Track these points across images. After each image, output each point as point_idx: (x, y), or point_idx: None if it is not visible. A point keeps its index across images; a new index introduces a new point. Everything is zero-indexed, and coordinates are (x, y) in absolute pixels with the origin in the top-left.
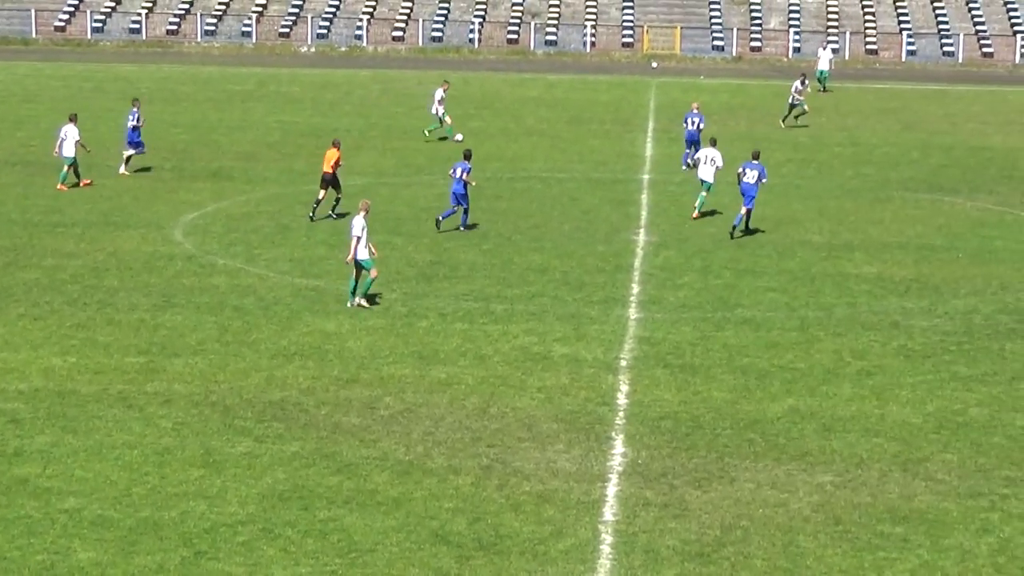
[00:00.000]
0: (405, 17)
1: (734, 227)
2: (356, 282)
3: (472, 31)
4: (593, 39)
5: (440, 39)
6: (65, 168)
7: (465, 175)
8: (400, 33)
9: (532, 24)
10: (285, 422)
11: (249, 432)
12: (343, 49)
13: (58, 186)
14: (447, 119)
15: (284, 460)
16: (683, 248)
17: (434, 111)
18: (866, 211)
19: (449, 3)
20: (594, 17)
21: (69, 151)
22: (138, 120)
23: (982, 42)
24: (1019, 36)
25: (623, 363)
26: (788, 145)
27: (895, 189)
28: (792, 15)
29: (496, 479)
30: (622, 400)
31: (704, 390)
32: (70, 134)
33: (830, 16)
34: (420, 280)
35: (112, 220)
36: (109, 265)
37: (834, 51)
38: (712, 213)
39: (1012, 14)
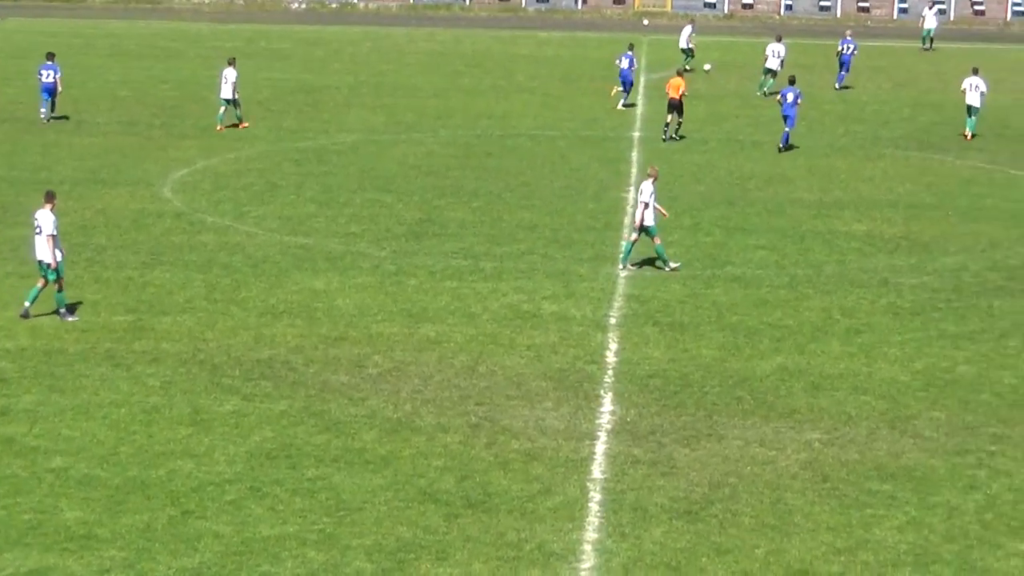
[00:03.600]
0: None
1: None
2: (631, 245)
3: None
4: None
5: None
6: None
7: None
8: None
9: None
10: (273, 380)
11: (237, 390)
12: (334, 6)
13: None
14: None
15: (272, 418)
16: (673, 206)
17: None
18: (856, 169)
19: None
20: None
21: (226, 93)
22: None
23: (973, 2)
24: None
25: (612, 321)
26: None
27: (885, 147)
28: None
29: (485, 437)
30: (611, 358)
31: (693, 348)
32: (229, 77)
33: None
34: (410, 238)
35: (100, 177)
36: (97, 223)
37: (940, 11)
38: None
39: None
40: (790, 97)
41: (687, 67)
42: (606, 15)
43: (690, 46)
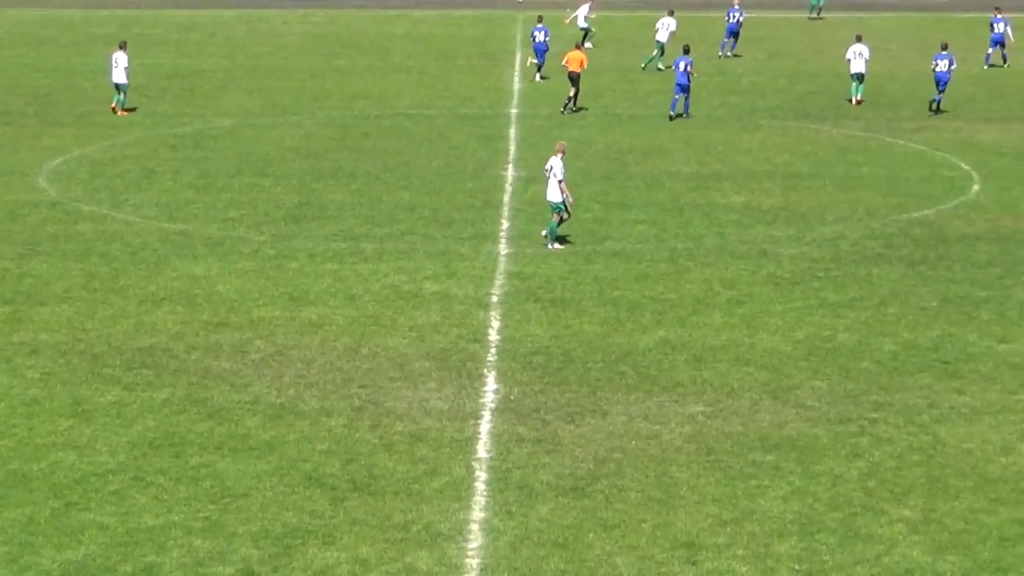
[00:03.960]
0: None
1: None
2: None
3: None
4: None
5: None
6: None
7: (689, 67)
8: None
9: None
10: (155, 368)
11: (118, 380)
12: None
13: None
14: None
15: (154, 407)
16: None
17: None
18: (734, 140)
19: None
20: None
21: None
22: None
23: None
24: None
25: (494, 299)
26: (654, 75)
27: (762, 118)
28: None
29: (369, 419)
30: (494, 336)
31: (575, 324)
32: (120, 61)
33: None
34: (289, 221)
35: None
36: None
37: None
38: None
39: None
40: (682, 66)
41: (587, 43)
42: None
43: (587, 25)
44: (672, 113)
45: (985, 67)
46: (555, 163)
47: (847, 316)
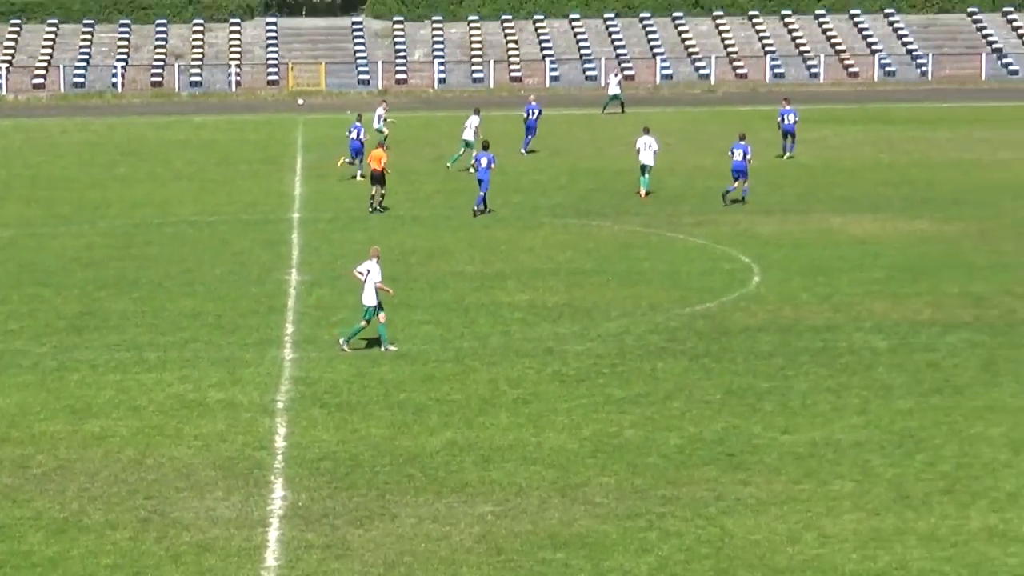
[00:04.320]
0: (45, 63)
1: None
2: (384, 326)
3: (115, 75)
4: (239, 78)
5: (83, 84)
6: None
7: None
8: (41, 80)
9: (176, 65)
10: None
11: None
12: None
13: None
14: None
15: None
16: (336, 285)
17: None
18: (517, 239)
19: (90, 48)
20: (238, 56)
21: None
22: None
23: (623, 65)
24: (658, 59)
25: (280, 405)
26: (436, 176)
27: (544, 215)
28: (436, 46)
29: (155, 531)
30: (280, 443)
31: (362, 428)
32: None
33: (474, 46)
34: (70, 332)
35: None
36: None
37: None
38: None
39: (651, 37)
40: (484, 162)
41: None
42: (260, 96)
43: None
44: (476, 209)
45: (787, 156)
46: (372, 267)
47: (633, 412)
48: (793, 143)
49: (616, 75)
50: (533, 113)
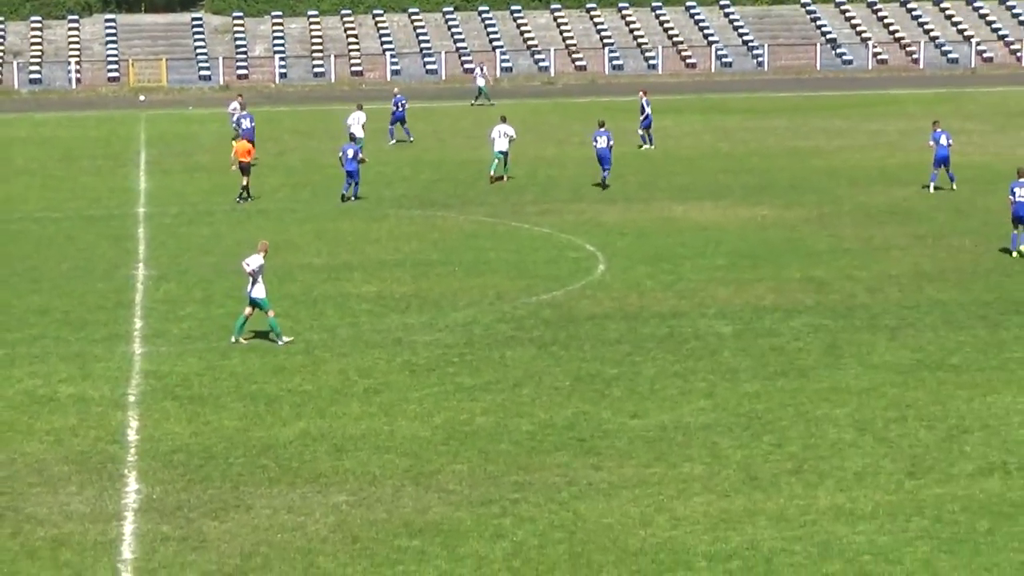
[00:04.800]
0: None
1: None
2: (246, 319)
3: None
4: (79, 75)
5: None
6: None
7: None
8: None
9: (15, 63)
10: None
11: None
12: None
13: None
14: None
15: None
16: (183, 280)
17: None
18: (363, 231)
19: None
20: (78, 53)
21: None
22: None
23: (463, 59)
24: (498, 52)
25: (131, 399)
26: (280, 170)
27: (389, 207)
28: (276, 42)
29: (9, 527)
30: (132, 436)
31: (215, 420)
32: None
33: (314, 41)
34: None
35: None
36: None
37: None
38: None
39: (490, 30)
40: (351, 153)
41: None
42: (102, 93)
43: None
44: (346, 194)
45: (651, 146)
46: (253, 260)
47: (483, 399)
48: (651, 134)
49: (482, 68)
50: (401, 104)
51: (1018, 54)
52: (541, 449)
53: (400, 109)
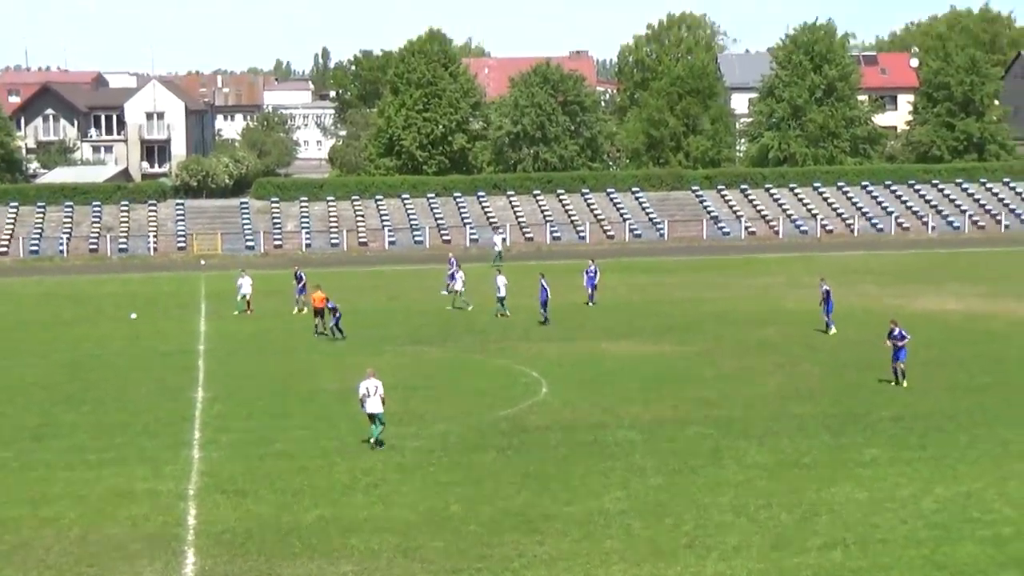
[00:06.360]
0: (8, 236)
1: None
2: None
3: (61, 244)
4: (155, 245)
5: (37, 251)
6: None
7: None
8: (5, 249)
9: (108, 236)
10: None
11: None
12: None
13: None
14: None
15: None
16: (232, 401)
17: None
18: (366, 362)
19: (43, 223)
20: (155, 229)
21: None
22: None
23: (442, 232)
24: (467, 227)
25: (191, 492)
26: (306, 316)
27: (387, 344)
28: (303, 220)
29: None
30: (192, 521)
31: (254, 508)
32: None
33: (331, 219)
34: (30, 439)
35: None
36: None
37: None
38: None
39: (462, 210)
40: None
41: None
42: (172, 259)
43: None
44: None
45: (591, 304)
46: (375, 383)
47: (456, 491)
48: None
49: (504, 239)
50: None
51: (851, 226)
52: (499, 529)
53: (452, 269)
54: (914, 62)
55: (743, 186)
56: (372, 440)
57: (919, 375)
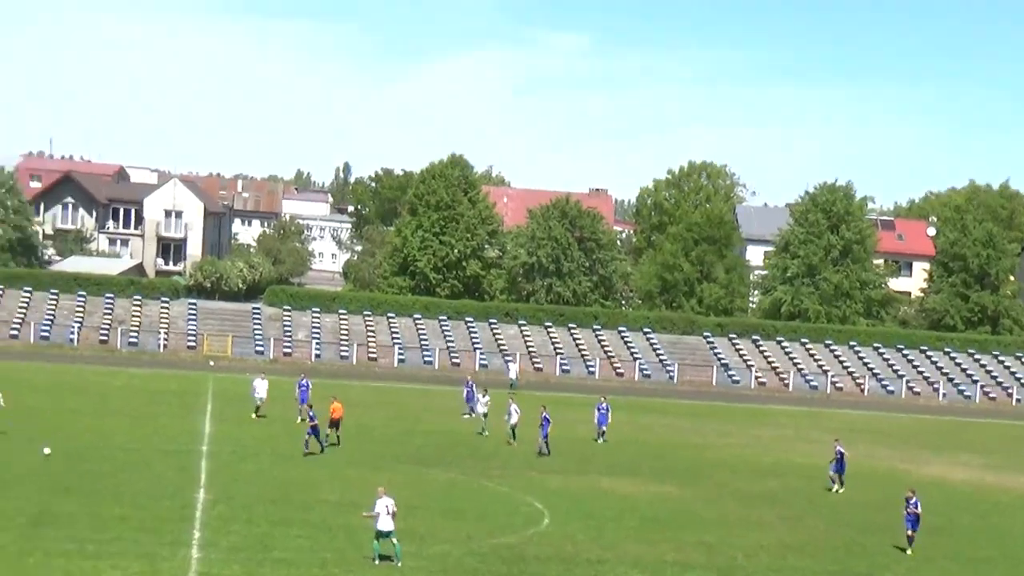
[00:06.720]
0: (20, 320)
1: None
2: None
3: (72, 333)
4: (166, 342)
5: (47, 338)
6: None
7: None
8: (16, 332)
9: (119, 329)
10: None
11: None
12: None
13: None
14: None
15: None
16: (232, 503)
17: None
18: (366, 478)
19: (55, 311)
20: (167, 326)
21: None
22: None
23: (452, 355)
24: (477, 352)
25: None
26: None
27: (389, 462)
28: (314, 330)
29: None
30: None
31: None
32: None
33: (342, 332)
34: (29, 526)
35: None
36: None
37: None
38: None
39: (473, 335)
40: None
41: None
42: (182, 357)
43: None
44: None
45: (601, 441)
46: (387, 501)
47: None
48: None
49: (515, 363)
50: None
51: (862, 386)
52: None
53: (470, 390)
54: (931, 231)
55: (755, 336)
56: (374, 557)
57: (924, 543)
